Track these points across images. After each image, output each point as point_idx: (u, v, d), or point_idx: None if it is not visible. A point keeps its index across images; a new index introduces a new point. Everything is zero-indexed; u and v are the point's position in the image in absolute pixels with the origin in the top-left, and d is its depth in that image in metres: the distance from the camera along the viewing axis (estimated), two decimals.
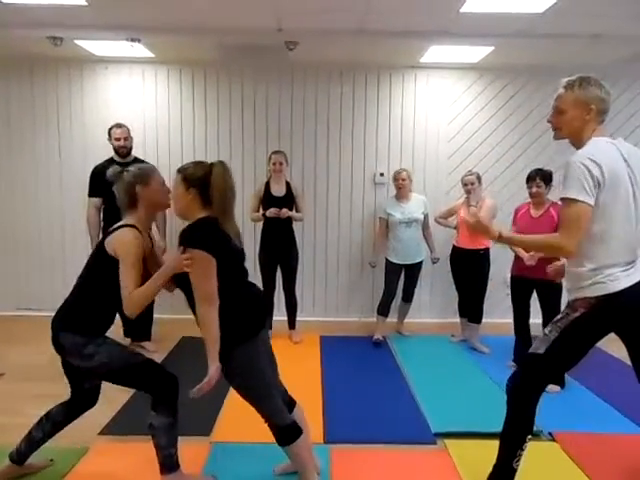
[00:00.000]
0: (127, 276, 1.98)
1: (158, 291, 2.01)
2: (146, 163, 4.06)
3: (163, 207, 2.25)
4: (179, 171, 2.05)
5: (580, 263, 1.93)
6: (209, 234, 1.94)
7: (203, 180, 1.98)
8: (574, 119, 1.95)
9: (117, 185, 2.14)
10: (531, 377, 2.05)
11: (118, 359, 2.09)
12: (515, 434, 2.06)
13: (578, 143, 1.97)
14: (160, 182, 2.19)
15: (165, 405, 2.11)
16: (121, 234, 2.06)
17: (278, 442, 2.09)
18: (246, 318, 1.99)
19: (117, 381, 2.14)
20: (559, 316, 2.03)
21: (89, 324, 2.08)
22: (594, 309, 1.91)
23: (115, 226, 2.12)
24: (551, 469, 2.46)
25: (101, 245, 2.11)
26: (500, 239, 2.04)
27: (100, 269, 2.08)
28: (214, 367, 1.90)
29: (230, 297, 1.95)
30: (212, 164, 2.02)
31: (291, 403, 2.25)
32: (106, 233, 2.15)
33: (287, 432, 2.06)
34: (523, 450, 2.05)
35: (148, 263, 2.15)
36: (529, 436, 2.05)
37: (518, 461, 2.05)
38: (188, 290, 1.95)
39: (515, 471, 2.07)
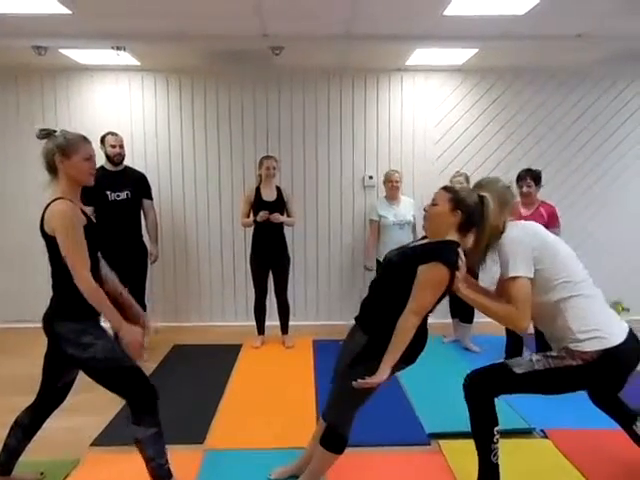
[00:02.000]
0: (72, 252, 1.89)
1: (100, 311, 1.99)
2: (138, 172, 4.07)
3: (82, 185, 2.08)
4: (449, 190, 2.06)
5: (566, 323, 1.97)
6: (457, 255, 1.96)
7: (473, 207, 2.00)
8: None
9: (42, 148, 2.03)
10: (493, 384, 2.09)
11: (110, 359, 2.01)
12: (482, 429, 2.08)
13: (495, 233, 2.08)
14: (85, 156, 2.02)
15: (145, 416, 2.04)
16: (51, 209, 1.95)
17: (323, 443, 2.10)
18: (418, 345, 2.06)
19: (100, 380, 2.04)
20: (554, 353, 2.03)
21: (76, 308, 2.00)
22: (595, 363, 1.93)
23: (46, 205, 1.99)
24: (544, 466, 2.47)
25: (42, 231, 2.00)
26: (460, 292, 2.04)
27: (55, 254, 1.99)
28: (386, 371, 1.91)
29: (422, 322, 1.99)
30: (482, 196, 2.04)
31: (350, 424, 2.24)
32: (42, 215, 2.01)
33: (338, 442, 2.09)
34: (496, 443, 2.06)
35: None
36: (496, 428, 2.06)
37: (495, 455, 2.07)
38: (390, 281, 2.01)
39: (497, 466, 2.08)
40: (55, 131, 2.04)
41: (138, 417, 2.04)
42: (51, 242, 1.98)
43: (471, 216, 2.01)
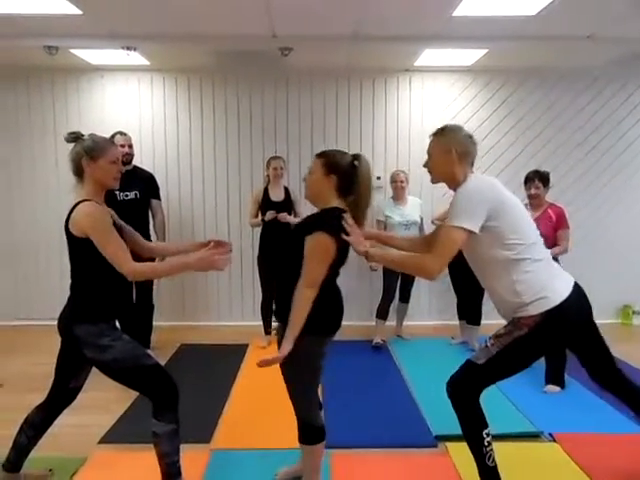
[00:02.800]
0: (110, 246, 1.92)
1: (172, 274, 2.06)
2: (147, 172, 4.09)
3: (107, 188, 2.10)
4: (320, 155, 2.04)
5: (513, 288, 1.93)
6: (338, 220, 1.93)
7: (346, 169, 1.98)
8: (440, 162, 2.08)
9: (70, 151, 2.06)
10: (467, 384, 2.07)
11: (130, 358, 2.04)
12: (472, 433, 2.06)
13: (452, 184, 2.06)
14: (111, 160, 2.05)
15: (166, 412, 2.08)
16: (79, 211, 1.97)
17: (301, 439, 2.10)
18: (330, 314, 2.02)
19: (124, 380, 2.08)
20: (502, 331, 2.01)
21: (96, 311, 2.03)
22: (540, 325, 1.91)
23: (72, 206, 2.01)
24: (552, 470, 2.45)
25: (67, 231, 2.01)
26: (368, 256, 2.02)
27: (79, 255, 2.01)
28: (287, 347, 1.87)
29: (325, 290, 1.95)
30: (356, 155, 2.02)
31: (320, 408, 2.26)
32: (66, 218, 2.02)
33: (313, 433, 2.09)
34: (489, 446, 2.04)
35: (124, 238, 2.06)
36: (486, 431, 2.04)
37: (490, 458, 2.04)
38: (292, 262, 1.94)
39: (494, 469, 2.05)
40: (83, 135, 2.08)
41: (159, 412, 2.07)
42: (75, 243, 1.99)
43: (347, 178, 1.98)
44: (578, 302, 1.96)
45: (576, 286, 1.99)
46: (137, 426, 2.66)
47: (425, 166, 2.16)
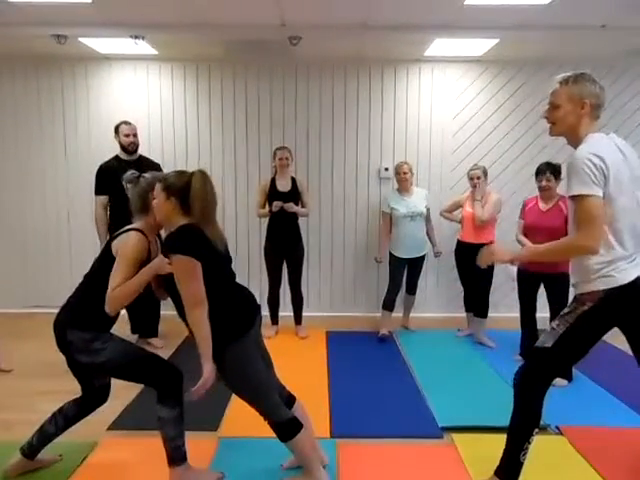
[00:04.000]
0: (117, 275, 2.02)
1: (139, 290, 2.03)
2: (153, 161, 4.09)
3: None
4: (159, 181, 2.08)
5: (587, 257, 1.92)
6: (190, 239, 1.96)
7: (183, 189, 2.01)
8: (568, 114, 1.95)
9: (132, 189, 2.20)
10: (539, 371, 2.05)
11: (124, 354, 2.13)
12: (522, 427, 2.06)
13: (574, 139, 1.97)
14: None
15: (170, 397, 2.14)
16: (126, 237, 2.10)
17: (279, 438, 2.12)
18: (234, 318, 2.02)
19: (123, 376, 2.17)
20: (567, 310, 2.03)
21: (95, 321, 2.10)
22: (603, 302, 1.92)
23: (123, 229, 2.16)
24: (559, 463, 2.45)
25: (108, 246, 2.15)
26: (518, 259, 2.04)
27: (106, 269, 2.09)
28: (208, 367, 1.93)
29: (217, 299, 1.97)
30: (192, 173, 2.05)
31: (290, 399, 2.29)
32: (114, 235, 2.18)
33: (286, 428, 2.10)
34: (530, 443, 2.05)
35: None
36: (536, 429, 2.05)
37: (525, 454, 2.06)
38: (177, 297, 1.98)
39: (522, 464, 2.07)
40: (141, 175, 2.24)
41: (163, 398, 2.13)
42: (108, 257, 2.10)
43: (185, 198, 2.00)
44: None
45: None
46: (146, 412, 2.68)
47: (546, 117, 2.05)
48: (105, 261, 2.12)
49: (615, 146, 1.92)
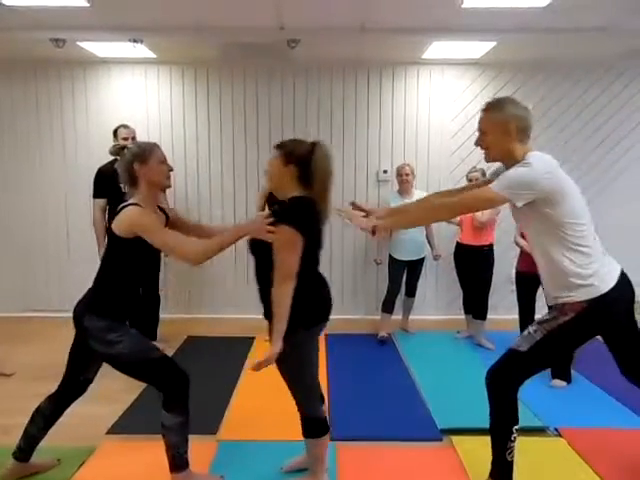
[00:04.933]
0: (162, 239, 1.98)
1: (226, 247, 2.02)
2: None
3: (162, 187, 2.17)
4: (278, 147, 2.02)
5: (565, 267, 1.92)
6: (303, 213, 1.93)
7: (304, 158, 1.95)
8: (497, 139, 1.98)
9: (118, 163, 2.12)
10: (510, 373, 2.06)
11: (138, 352, 2.08)
12: (500, 427, 2.07)
13: (511, 162, 1.97)
14: (159, 160, 2.12)
15: (176, 404, 2.11)
16: (126, 212, 2.03)
17: (305, 433, 2.11)
18: (315, 305, 2.00)
19: (132, 373, 2.12)
20: (546, 317, 2.02)
21: (110, 308, 2.07)
22: (586, 312, 1.91)
23: (120, 207, 2.08)
24: (558, 465, 2.45)
25: (110, 230, 2.08)
26: (377, 229, 2.01)
27: (114, 253, 2.07)
28: (278, 345, 1.87)
29: (305, 280, 1.92)
30: (314, 143, 1.99)
31: (322, 400, 2.26)
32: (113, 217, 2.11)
33: (316, 426, 2.10)
34: (513, 442, 2.05)
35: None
36: (515, 427, 2.05)
37: (511, 453, 2.05)
38: (263, 259, 1.94)
39: (511, 464, 2.07)
40: (126, 147, 2.16)
41: (169, 404, 2.10)
42: (114, 240, 2.05)
43: (306, 166, 1.95)
44: (621, 292, 1.95)
45: (622, 275, 1.98)
46: (145, 416, 2.69)
47: (477, 144, 2.08)
48: (111, 245, 2.08)
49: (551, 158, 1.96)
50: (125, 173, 2.10)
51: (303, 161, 1.95)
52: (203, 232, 2.30)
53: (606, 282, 1.92)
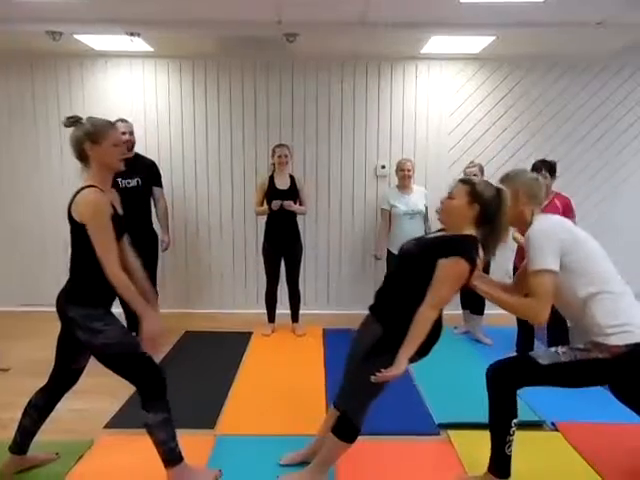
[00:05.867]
0: (101, 244, 1.92)
1: (130, 304, 1.97)
2: (148, 159, 4.08)
3: (114, 170, 2.07)
4: (467, 182, 2.06)
5: (596, 322, 1.96)
6: (476, 250, 1.97)
7: (490, 200, 1.99)
8: (510, 206, 2.08)
9: (70, 136, 2.02)
10: (517, 376, 2.08)
11: (120, 344, 2.04)
12: (500, 421, 2.08)
13: (523, 225, 2.13)
14: (114, 142, 2.02)
15: (155, 402, 2.07)
16: (81, 196, 1.95)
17: (337, 432, 2.10)
18: (432, 338, 2.03)
19: (112, 366, 2.07)
20: (581, 346, 2.02)
21: (89, 296, 2.03)
22: (624, 357, 1.92)
23: (77, 190, 1.99)
24: (554, 459, 2.47)
25: (69, 215, 2.00)
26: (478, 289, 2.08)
27: (80, 240, 1.99)
28: (404, 363, 1.91)
29: (438, 315, 1.98)
30: (500, 189, 2.04)
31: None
32: (70, 200, 2.01)
33: (352, 432, 2.09)
34: (512, 435, 2.07)
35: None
36: (515, 420, 2.07)
37: (510, 447, 2.08)
38: (408, 270, 2.02)
39: (509, 457, 2.09)
40: (81, 118, 2.05)
41: (148, 403, 2.07)
42: (76, 227, 1.98)
43: (488, 210, 1.99)
44: None
45: None
46: (139, 414, 2.68)
47: None
48: (74, 232, 2.00)
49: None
50: (75, 150, 2.01)
51: (488, 205, 1.99)
52: (131, 275, 2.15)
53: None
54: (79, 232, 1.97)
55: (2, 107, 4.74)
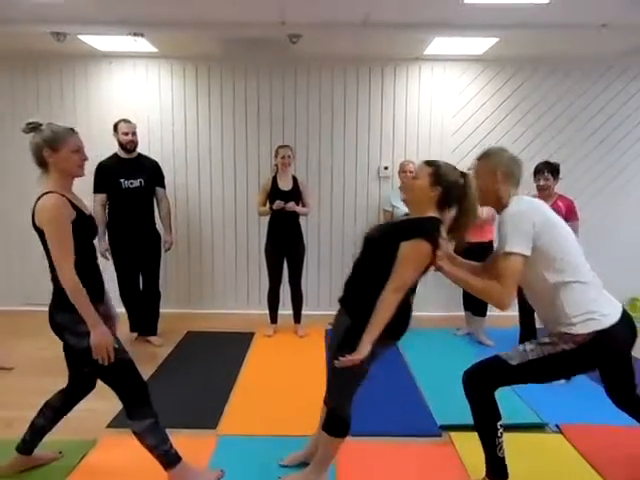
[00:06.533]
0: (57, 249, 1.89)
1: (81, 313, 1.93)
2: (151, 160, 4.09)
3: (73, 176, 2.07)
4: (430, 164, 2.04)
5: (564, 309, 1.94)
6: (438, 231, 1.95)
7: (452, 184, 1.98)
8: (487, 186, 2.06)
9: (30, 143, 2.01)
10: (490, 379, 2.08)
11: None
12: (485, 425, 2.08)
13: (499, 205, 2.07)
14: (73, 149, 2.02)
15: (138, 409, 2.05)
16: (40, 203, 1.94)
17: (327, 428, 2.11)
18: (402, 320, 2.02)
19: (93, 370, 2.05)
20: (547, 340, 2.01)
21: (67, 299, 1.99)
22: (589, 345, 1.91)
23: (37, 198, 1.99)
24: (557, 461, 2.46)
25: (33, 223, 1.99)
26: (441, 271, 2.04)
27: (47, 245, 1.98)
28: (367, 347, 1.86)
29: (405, 297, 1.95)
30: (465, 174, 2.02)
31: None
32: (33, 208, 2.01)
33: (340, 426, 2.09)
34: (500, 437, 2.06)
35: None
36: (499, 423, 2.06)
37: (501, 449, 2.07)
38: (371, 255, 1.98)
39: (503, 459, 2.08)
40: (41, 124, 2.03)
41: (131, 411, 2.05)
42: (42, 234, 1.98)
43: (450, 193, 1.98)
44: (625, 330, 1.96)
45: (624, 312, 1.99)
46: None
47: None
48: (42, 238, 1.99)
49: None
50: (34, 156, 2.01)
51: (450, 187, 1.97)
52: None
53: (609, 317, 1.93)
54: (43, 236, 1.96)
55: (7, 108, 4.76)
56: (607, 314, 1.93)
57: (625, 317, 1.97)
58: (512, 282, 1.93)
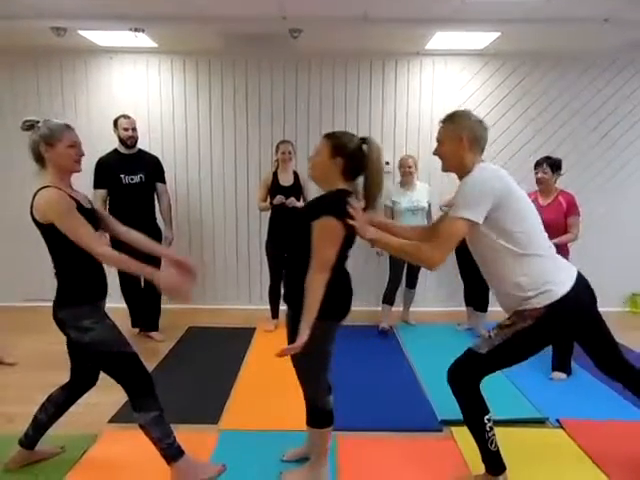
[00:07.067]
0: (76, 233, 1.91)
1: (130, 271, 1.96)
2: (152, 155, 4.09)
3: (71, 171, 2.09)
4: (328, 136, 2.00)
5: (519, 284, 1.93)
6: (344, 203, 1.91)
7: (352, 152, 1.95)
8: (451, 150, 2.01)
9: (28, 141, 2.06)
10: (468, 372, 2.08)
11: (107, 342, 2.04)
12: (473, 420, 2.08)
13: (462, 171, 2.00)
14: (68, 144, 2.04)
15: (144, 401, 2.07)
16: (40, 197, 1.97)
17: (310, 423, 2.12)
18: (341, 298, 2.01)
19: (100, 364, 2.08)
20: (506, 322, 2.01)
21: (74, 295, 2.04)
22: (545, 317, 1.91)
23: (34, 191, 2.01)
24: (558, 455, 2.46)
25: (33, 218, 2.01)
26: (374, 242, 2.01)
27: (49, 241, 2.00)
28: (306, 332, 1.85)
29: (335, 274, 1.93)
30: (364, 139, 1.99)
31: (329, 391, 2.26)
32: (31, 203, 2.03)
33: (321, 416, 2.10)
34: (491, 431, 2.06)
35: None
36: (487, 416, 2.06)
37: (493, 443, 2.07)
38: (299, 247, 1.94)
39: (496, 453, 2.09)
40: (38, 122, 2.07)
41: (137, 403, 2.07)
42: (43, 229, 1.99)
43: (353, 162, 1.95)
44: (580, 293, 1.95)
45: (579, 276, 1.98)
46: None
47: (435, 154, 2.11)
48: (42, 233, 2.01)
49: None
50: (32, 153, 2.05)
51: (350, 155, 1.95)
52: (134, 244, 2.22)
53: (562, 285, 1.91)
54: (48, 233, 1.98)
55: (6, 104, 4.75)
56: (560, 281, 1.92)
57: (579, 282, 1.96)
58: (447, 244, 1.90)
